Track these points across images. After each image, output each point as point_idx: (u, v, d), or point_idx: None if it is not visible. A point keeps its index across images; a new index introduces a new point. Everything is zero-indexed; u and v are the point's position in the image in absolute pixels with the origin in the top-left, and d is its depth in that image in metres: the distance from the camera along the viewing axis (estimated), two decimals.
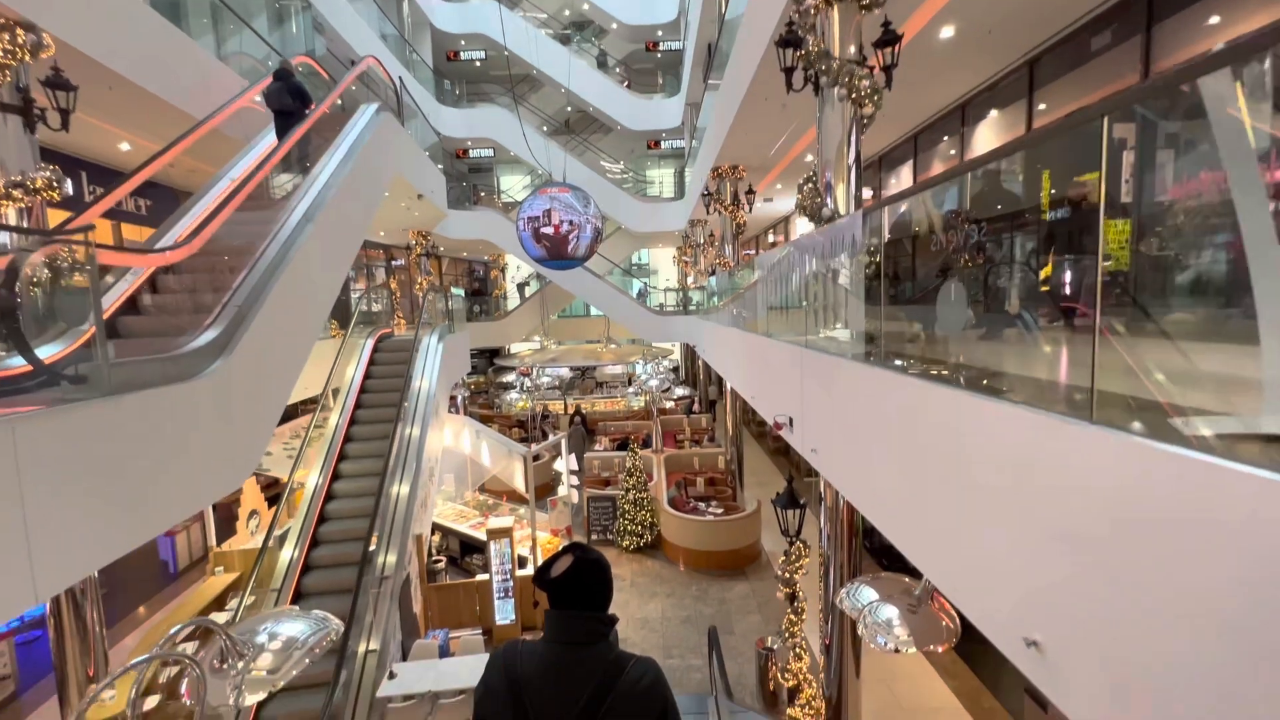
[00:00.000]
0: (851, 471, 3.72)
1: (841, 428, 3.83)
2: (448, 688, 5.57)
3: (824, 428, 4.30)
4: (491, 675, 1.45)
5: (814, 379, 4.42)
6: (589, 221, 11.14)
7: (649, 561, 9.66)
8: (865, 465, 3.41)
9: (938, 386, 2.49)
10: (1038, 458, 1.79)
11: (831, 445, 4.14)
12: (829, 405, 4.10)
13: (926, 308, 2.83)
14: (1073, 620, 1.70)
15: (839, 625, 5.04)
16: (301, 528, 6.80)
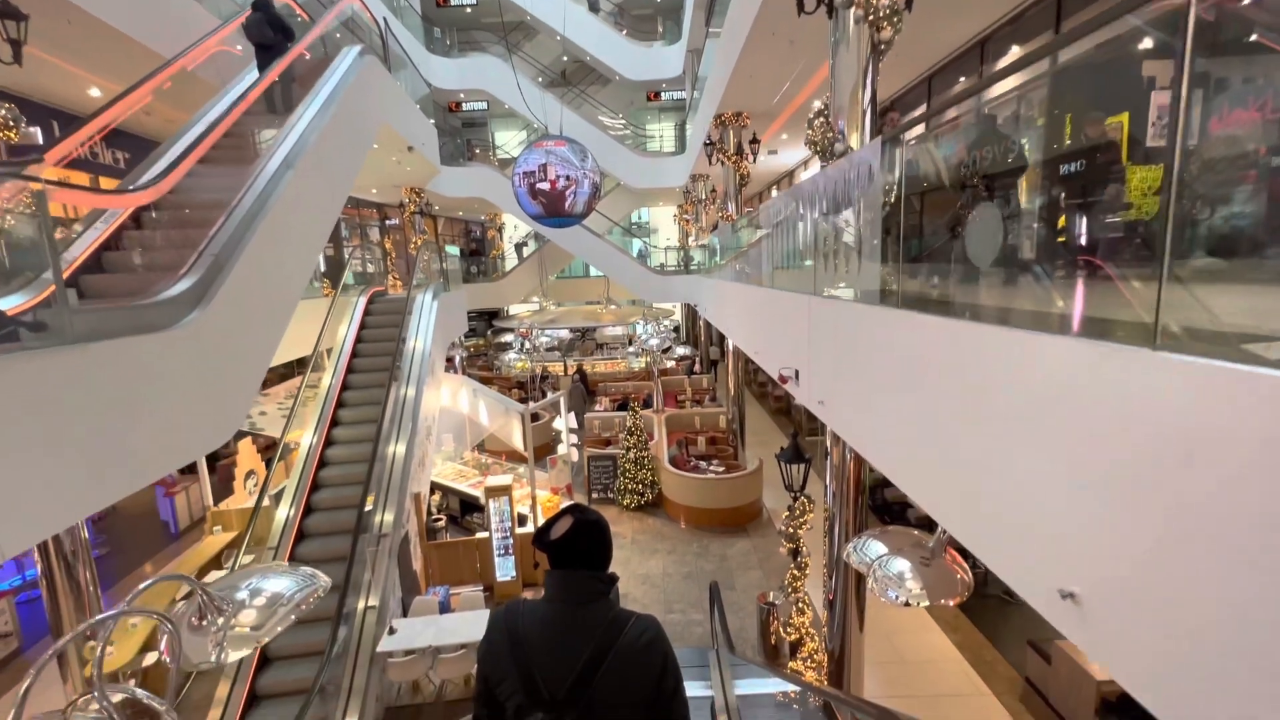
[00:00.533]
0: (861, 422, 3.54)
1: (852, 377, 3.64)
2: (447, 642, 5.55)
3: (832, 379, 4.12)
4: (494, 633, 1.45)
5: (823, 328, 4.21)
6: (586, 176, 10.70)
7: (650, 519, 9.64)
8: (877, 415, 3.23)
9: (965, 323, 2.28)
10: (1086, 392, 1.59)
11: (840, 396, 3.96)
12: (838, 355, 3.90)
13: (952, 241, 2.59)
14: (1116, 569, 1.54)
15: (843, 580, 4.97)
16: (297, 487, 6.71)
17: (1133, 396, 1.44)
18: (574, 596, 1.43)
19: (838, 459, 4.95)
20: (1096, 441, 1.56)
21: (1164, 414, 1.34)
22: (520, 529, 7.65)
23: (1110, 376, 1.51)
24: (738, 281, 8.87)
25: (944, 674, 5.78)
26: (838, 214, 3.86)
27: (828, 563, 5.07)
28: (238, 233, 4.69)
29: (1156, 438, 1.36)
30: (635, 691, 1.38)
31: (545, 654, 1.38)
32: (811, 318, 4.56)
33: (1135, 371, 1.44)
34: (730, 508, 9.25)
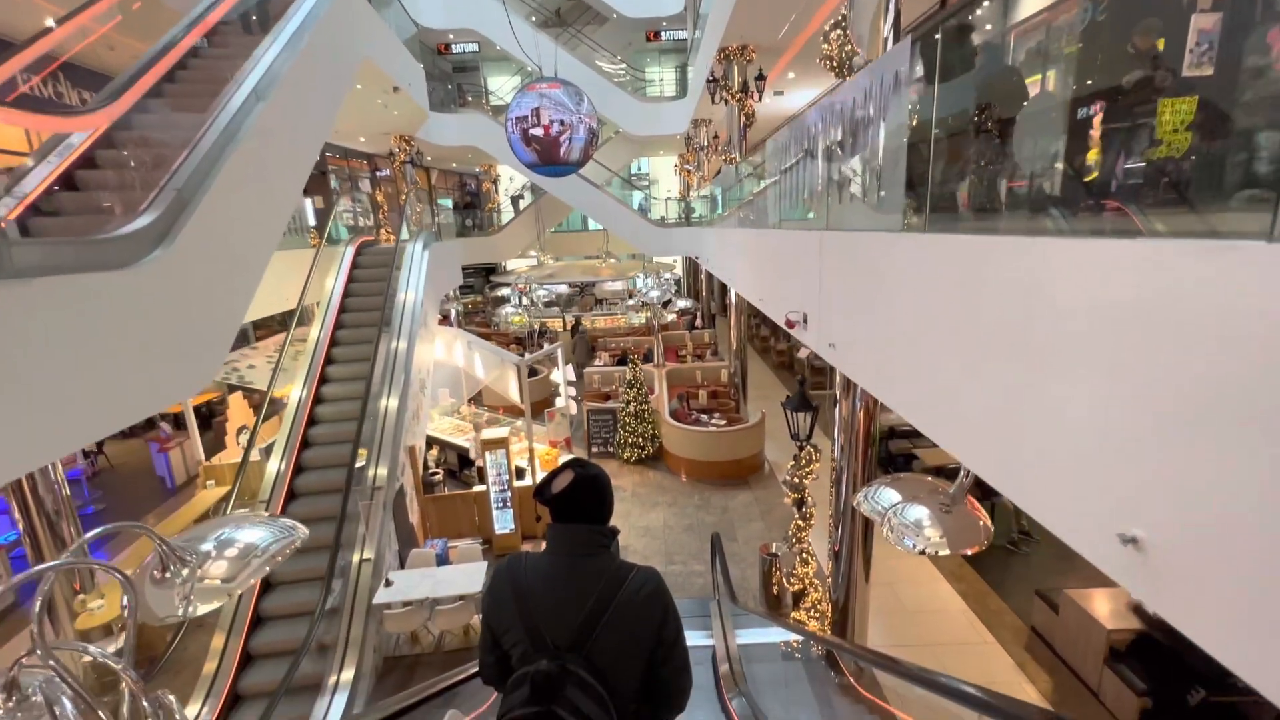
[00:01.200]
0: (877, 363, 3.28)
1: (867, 316, 3.36)
2: (444, 594, 5.46)
3: (844, 319, 3.84)
4: (497, 585, 1.47)
5: (835, 265, 3.91)
6: (582, 121, 10.08)
7: (650, 473, 9.53)
8: (895, 354, 2.96)
9: (1007, 238, 1.98)
10: (1166, 304, 1.32)
11: (853, 337, 3.68)
12: (852, 293, 3.62)
13: (995, 148, 2.26)
14: (1193, 508, 1.30)
15: (849, 531, 4.81)
16: (287, 441, 6.53)
17: (1233, 304, 1.17)
18: (575, 550, 1.44)
19: (846, 410, 4.72)
20: (1174, 361, 1.30)
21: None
22: (518, 482, 7.52)
23: (1204, 281, 1.23)
24: (741, 227, 8.48)
25: (948, 623, 5.71)
26: (856, 134, 3.50)
27: (834, 513, 4.90)
28: (203, 167, 4.33)
29: (1263, 352, 1.10)
30: (636, 641, 1.39)
31: (548, 606, 1.40)
32: (823, 256, 4.25)
33: (1241, 272, 1.16)
34: (732, 460, 9.12)
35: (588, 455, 10.14)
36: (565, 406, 8.47)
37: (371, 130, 15.28)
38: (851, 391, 4.68)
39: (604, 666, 1.35)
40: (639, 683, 1.42)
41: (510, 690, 1.35)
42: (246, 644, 5.12)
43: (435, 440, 9.40)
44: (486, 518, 7.30)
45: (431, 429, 9.52)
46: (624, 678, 1.38)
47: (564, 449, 8.32)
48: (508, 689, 1.36)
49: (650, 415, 9.76)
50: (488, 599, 1.48)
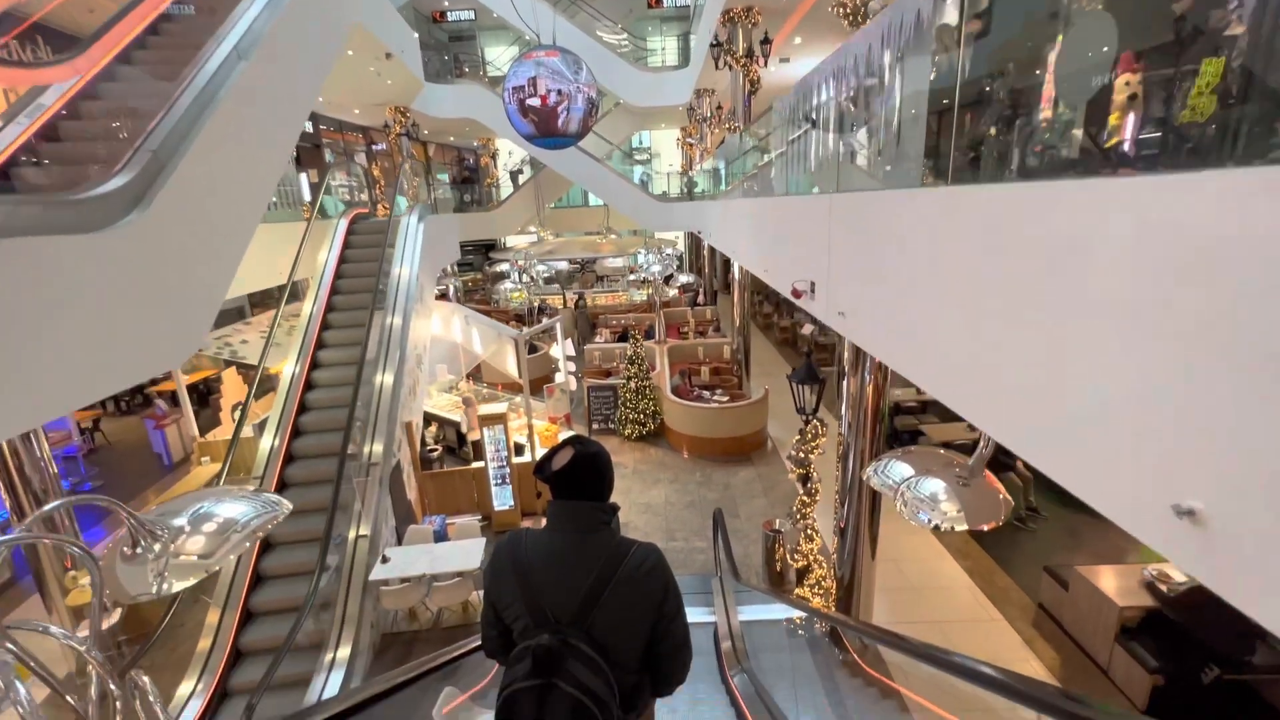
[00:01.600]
0: (890, 331, 3.09)
1: (879, 282, 3.16)
2: (442, 571, 5.37)
3: (855, 286, 3.64)
4: (498, 561, 1.48)
5: (846, 229, 3.71)
6: (580, 90, 9.69)
7: (652, 449, 9.42)
8: (911, 320, 2.77)
9: (1051, 185, 1.78)
10: (1233, 249, 1.14)
11: (865, 304, 3.49)
12: (863, 258, 3.42)
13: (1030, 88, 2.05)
14: (1260, 475, 1.13)
15: (856, 507, 4.68)
16: (281, 416, 6.40)
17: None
18: (576, 526, 1.44)
19: (854, 388, 4.54)
20: (1239, 313, 1.13)
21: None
22: (517, 458, 7.40)
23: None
24: (746, 198, 8.23)
25: (954, 600, 5.62)
26: (872, 86, 3.27)
27: (840, 489, 4.77)
28: (181, 128, 4.12)
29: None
30: (637, 616, 1.40)
31: (549, 582, 1.40)
32: (832, 220, 4.04)
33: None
34: (734, 437, 8.99)
35: (588, 432, 10.03)
36: (565, 382, 8.32)
37: (365, 101, 14.90)
38: (860, 364, 4.51)
39: (605, 640, 1.36)
40: (639, 655, 1.43)
41: (513, 663, 1.34)
42: (238, 638, 5.05)
43: (434, 417, 9.29)
44: (486, 494, 7.21)
45: (430, 405, 9.39)
46: (624, 651, 1.39)
47: (564, 425, 8.19)
48: (510, 662, 1.36)
49: (651, 391, 9.62)
50: (489, 575, 1.49)
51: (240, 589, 5.19)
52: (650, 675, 1.47)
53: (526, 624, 1.39)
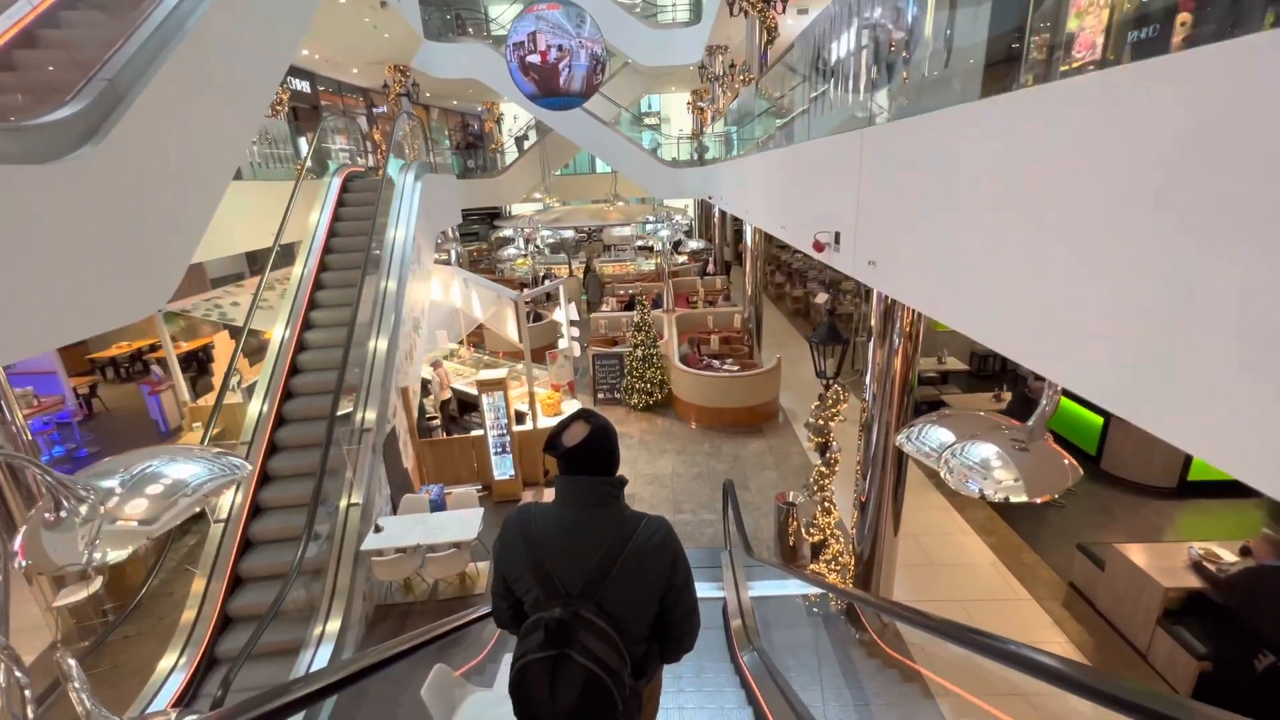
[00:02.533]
0: (931, 276, 2.69)
1: (919, 222, 2.76)
2: (437, 541, 5.11)
3: (889, 230, 3.24)
4: (508, 534, 1.48)
5: (879, 168, 3.30)
6: (583, 46, 9.10)
7: (659, 420, 9.10)
8: (957, 262, 2.37)
9: (1140, 65, 1.36)
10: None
11: (900, 250, 3.09)
12: (900, 197, 3.01)
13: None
14: None
15: (879, 480, 4.33)
16: (270, 380, 6.11)
17: None
18: (586, 501, 1.44)
19: (881, 355, 4.13)
20: None
21: None
22: (518, 427, 7.10)
23: None
24: (760, 153, 7.72)
25: (978, 578, 5.30)
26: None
27: (861, 461, 4.41)
28: (141, 59, 3.73)
29: None
30: (647, 587, 1.42)
31: (559, 555, 1.41)
32: (863, 159, 3.61)
33: None
34: (745, 407, 8.64)
35: (593, 401, 9.72)
36: (568, 348, 7.96)
37: (363, 58, 14.31)
38: (889, 327, 4.09)
39: (615, 611, 1.37)
40: (649, 624, 1.45)
41: (525, 635, 1.35)
42: (226, 604, 4.83)
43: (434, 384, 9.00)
44: (486, 463, 6.93)
45: (429, 374, 9.10)
46: (635, 621, 1.41)
47: (567, 394, 7.87)
48: (522, 633, 1.37)
49: (659, 360, 9.25)
50: (499, 547, 1.49)
51: (228, 555, 4.96)
52: (660, 643, 1.49)
53: (537, 596, 1.39)
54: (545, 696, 1.26)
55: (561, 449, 1.42)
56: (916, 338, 3.97)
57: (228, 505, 5.26)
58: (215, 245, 7.36)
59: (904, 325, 3.92)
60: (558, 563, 1.40)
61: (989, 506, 6.43)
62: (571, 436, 1.43)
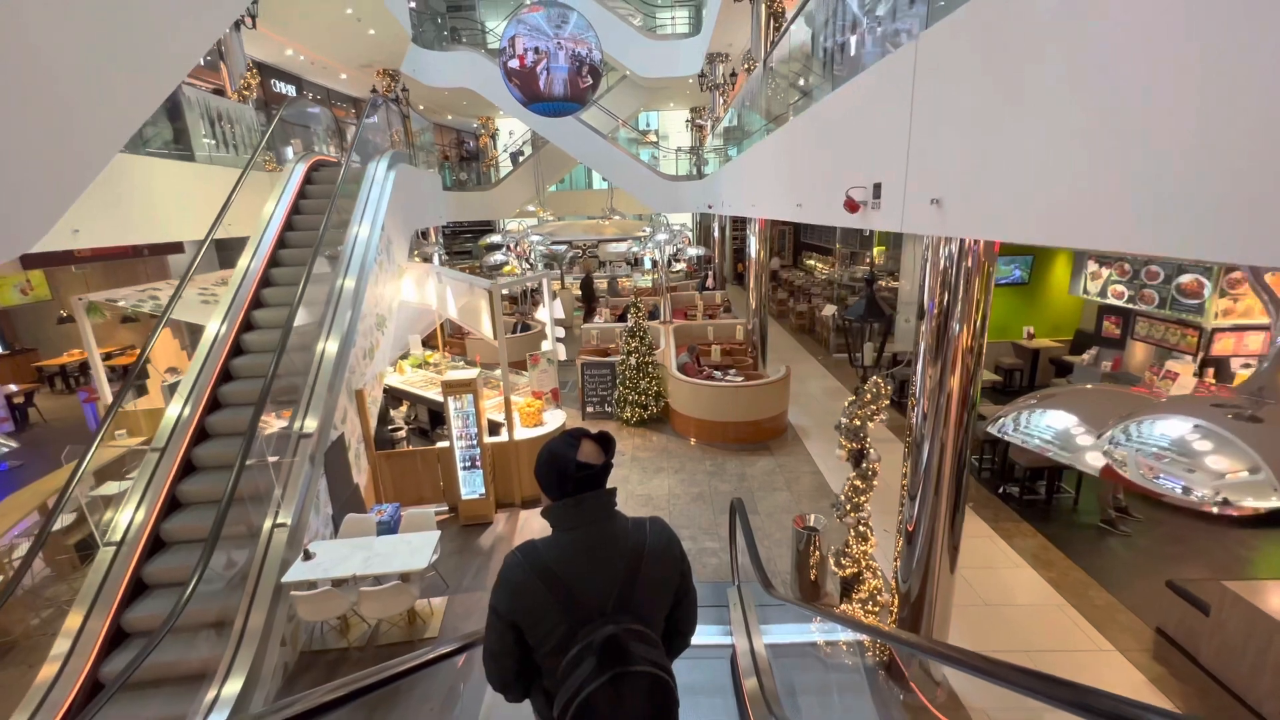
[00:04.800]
0: (1028, 195, 1.88)
1: (1011, 129, 1.95)
2: (379, 571, 4.13)
3: (958, 157, 2.46)
4: (518, 577, 1.38)
5: (945, 77, 2.53)
6: (562, 47, 8.42)
7: (654, 435, 8.16)
8: (1072, 167, 1.54)
9: None
10: None
11: (980, 176, 2.29)
12: (978, 108, 2.23)
13: None
14: None
15: (931, 503, 3.41)
16: (196, 381, 5.19)
17: None
18: (594, 518, 1.41)
19: (932, 341, 3.25)
20: None
21: None
22: (492, 438, 6.16)
23: None
24: (769, 135, 6.99)
25: (1044, 622, 4.33)
26: None
27: (908, 480, 3.49)
28: None
29: None
30: (668, 584, 1.44)
31: (582, 580, 1.36)
32: (918, 77, 2.86)
33: None
34: (751, 421, 7.72)
35: (581, 415, 8.78)
36: (551, 350, 7.07)
37: (349, 58, 13.74)
38: (950, 297, 3.22)
39: (646, 615, 1.38)
40: (664, 619, 1.46)
41: (568, 672, 1.29)
42: (98, 664, 3.82)
43: (404, 394, 8.08)
44: (453, 480, 5.96)
45: (400, 381, 8.19)
46: (658, 620, 1.43)
47: (549, 402, 6.94)
48: (563, 674, 1.30)
49: (655, 370, 8.36)
50: (505, 595, 1.37)
51: (109, 601, 3.95)
52: (668, 639, 1.48)
53: (564, 633, 1.32)
54: (616, 716, 1.23)
55: (589, 469, 1.38)
56: (985, 312, 3.10)
57: (123, 525, 4.29)
58: (161, 231, 6.55)
59: (974, 294, 3.05)
60: (584, 588, 1.35)
61: (1039, 533, 5.49)
62: (591, 455, 1.40)
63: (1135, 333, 6.65)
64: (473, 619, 4.72)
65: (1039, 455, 6.10)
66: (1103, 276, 6.88)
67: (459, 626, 4.66)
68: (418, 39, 16.23)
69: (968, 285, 3.13)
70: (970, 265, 3.10)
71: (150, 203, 6.54)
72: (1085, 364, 7.30)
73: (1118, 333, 6.94)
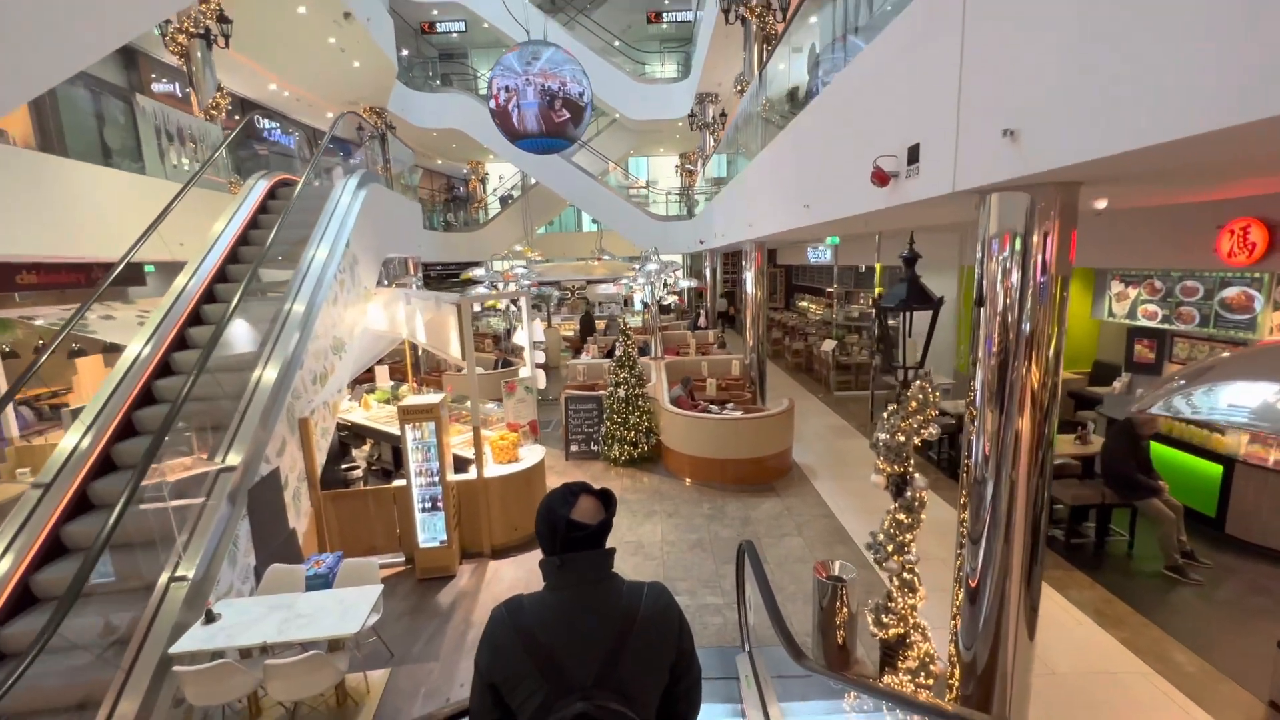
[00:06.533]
0: (1158, 77, 1.24)
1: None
2: (302, 637, 3.25)
3: (1045, 69, 1.85)
4: (499, 634, 1.30)
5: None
6: (530, 83, 8.11)
7: (645, 476, 7.34)
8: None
9: None
10: None
11: (1072, 88, 1.68)
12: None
13: None
14: None
15: (1000, 553, 2.66)
16: (105, 407, 4.41)
17: None
18: (587, 579, 1.32)
19: (1002, 346, 2.57)
20: None
21: None
22: (458, 475, 5.35)
23: None
24: (766, 149, 6.57)
25: (1129, 696, 3.49)
26: None
27: (967, 524, 2.75)
28: None
29: None
30: (660, 658, 1.32)
31: (566, 644, 1.27)
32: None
33: None
34: (752, 459, 6.95)
35: (565, 453, 7.96)
36: (530, 378, 6.33)
37: (334, 94, 13.51)
38: (1022, 276, 2.57)
39: (632, 693, 1.27)
40: (657, 698, 1.34)
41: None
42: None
43: (367, 430, 7.28)
44: (411, 525, 5.10)
45: (364, 417, 7.39)
46: (648, 699, 1.31)
47: (527, 436, 6.15)
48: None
49: (646, 403, 7.63)
50: (487, 653, 1.31)
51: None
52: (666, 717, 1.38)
53: (544, 697, 1.23)
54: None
55: (582, 530, 1.29)
56: (1060, 316, 2.43)
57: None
58: (97, 246, 5.92)
59: (1052, 290, 2.39)
60: (567, 654, 1.25)
61: (1097, 583, 4.69)
62: (588, 514, 1.32)
63: (1174, 355, 6.07)
64: (423, 698, 3.79)
65: (1085, 491, 5.27)
66: (1130, 297, 6.35)
67: (403, 708, 3.73)
68: (408, 82, 16.25)
69: (1044, 282, 2.46)
70: (1046, 259, 2.43)
71: (89, 214, 5.92)
72: (1117, 393, 6.68)
73: (1151, 357, 6.37)
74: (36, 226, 5.43)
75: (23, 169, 5.30)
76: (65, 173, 5.76)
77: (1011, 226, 2.40)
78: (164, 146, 7.13)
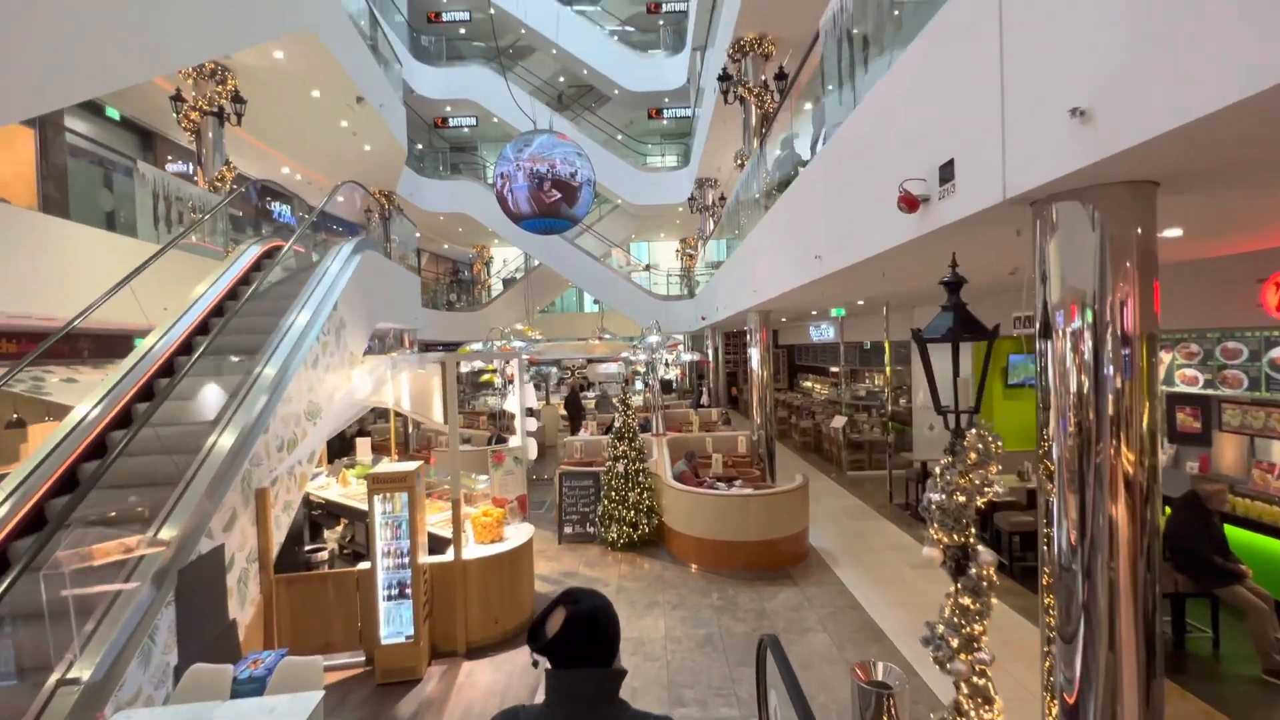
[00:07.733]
0: None
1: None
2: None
3: (1117, 36, 1.52)
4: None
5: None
6: (520, 167, 8.31)
7: (646, 561, 6.58)
8: None
9: None
10: None
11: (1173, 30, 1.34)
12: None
13: None
14: None
15: (1105, 658, 2.09)
16: (32, 472, 3.90)
17: None
18: (579, 700, 1.20)
19: (1076, 502, 2.15)
20: None
21: None
22: (434, 557, 4.69)
23: None
24: (770, 210, 6.45)
25: None
26: None
27: (1055, 617, 2.18)
28: None
29: None
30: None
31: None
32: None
33: None
34: (765, 542, 6.25)
35: (558, 535, 7.22)
36: (520, 447, 5.79)
37: (345, 176, 13.85)
38: (1111, 289, 2.18)
39: None
40: None
41: None
42: None
43: (341, 508, 6.63)
44: (373, 615, 4.39)
45: (340, 494, 6.76)
46: None
47: (514, 513, 5.51)
48: None
49: (646, 479, 7.02)
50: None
51: None
52: None
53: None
54: None
55: (543, 641, 1.21)
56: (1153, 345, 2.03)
57: None
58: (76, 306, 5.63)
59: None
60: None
61: (1186, 690, 3.91)
62: (552, 625, 1.21)
63: (1224, 424, 5.56)
64: None
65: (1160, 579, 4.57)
66: (1164, 362, 5.94)
67: None
68: (419, 170, 16.92)
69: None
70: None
71: (73, 275, 5.70)
72: (1162, 466, 6.09)
73: (1197, 426, 5.85)
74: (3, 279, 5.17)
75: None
76: (39, 228, 5.58)
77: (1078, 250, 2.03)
78: (160, 211, 7.05)
